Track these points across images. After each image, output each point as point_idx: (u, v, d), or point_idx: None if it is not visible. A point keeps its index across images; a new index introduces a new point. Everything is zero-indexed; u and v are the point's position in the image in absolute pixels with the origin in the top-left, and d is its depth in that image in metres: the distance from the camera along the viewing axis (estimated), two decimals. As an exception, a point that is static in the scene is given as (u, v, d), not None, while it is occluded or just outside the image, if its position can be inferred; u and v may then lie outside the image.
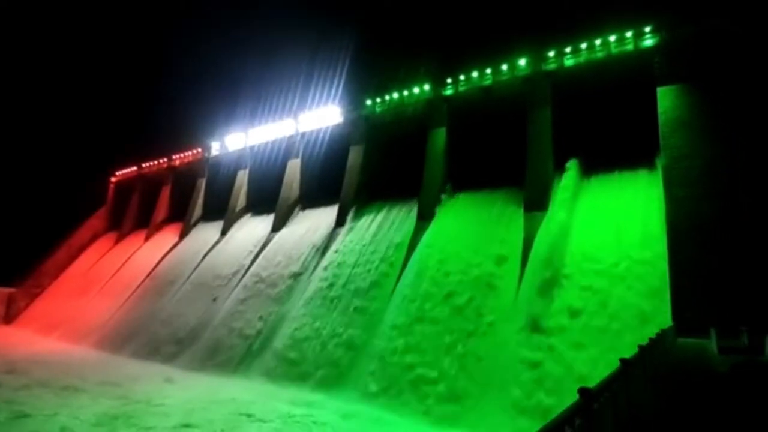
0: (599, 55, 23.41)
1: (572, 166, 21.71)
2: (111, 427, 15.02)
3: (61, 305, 41.97)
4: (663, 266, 16.94)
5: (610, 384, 4.37)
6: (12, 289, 45.77)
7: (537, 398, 15.54)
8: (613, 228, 18.95)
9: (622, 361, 4.91)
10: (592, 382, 14.05)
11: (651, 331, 15.10)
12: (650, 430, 4.44)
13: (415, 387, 18.35)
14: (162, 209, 46.54)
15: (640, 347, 6.46)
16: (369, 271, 24.68)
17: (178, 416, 16.11)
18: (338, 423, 16.33)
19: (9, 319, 44.43)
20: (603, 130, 23.67)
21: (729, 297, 14.97)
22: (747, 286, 15.03)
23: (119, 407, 17.13)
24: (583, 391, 3.53)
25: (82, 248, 50.50)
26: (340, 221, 29.47)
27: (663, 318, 15.51)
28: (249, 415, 16.56)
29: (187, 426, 14.78)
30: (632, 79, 22.16)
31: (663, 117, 19.86)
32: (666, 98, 20.09)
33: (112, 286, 40.60)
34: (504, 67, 26.36)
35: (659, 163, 19.79)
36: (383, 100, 31.38)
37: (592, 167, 22.19)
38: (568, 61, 24.21)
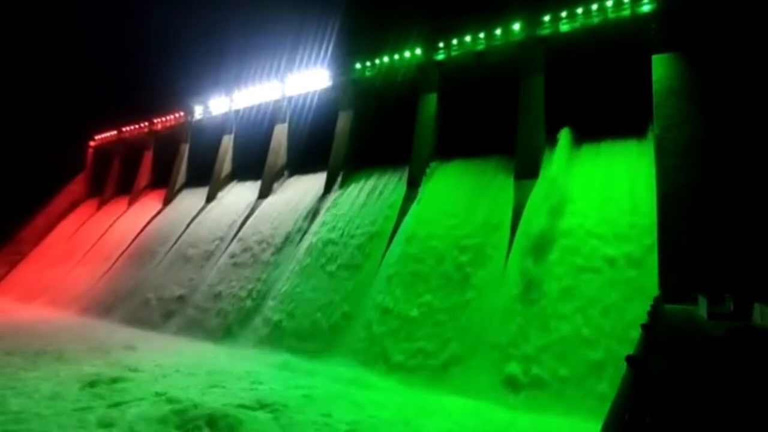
0: (595, 20, 22.96)
1: (564, 134, 21.57)
2: (95, 392, 14.92)
3: (44, 272, 41.28)
4: (650, 236, 17.12)
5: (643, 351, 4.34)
6: (-10, 256, 44.79)
7: (524, 363, 15.88)
8: (603, 197, 19.04)
9: (643, 326, 4.90)
10: (583, 346, 14.26)
11: (637, 298, 15.46)
12: (672, 391, 4.49)
13: (403, 352, 18.62)
14: (144, 175, 45.49)
15: (650, 313, 6.52)
16: (358, 238, 24.59)
17: (158, 384, 16.06)
18: (327, 387, 16.49)
19: (-11, 285, 43.64)
20: (595, 99, 23.44)
21: (716, 265, 15.26)
22: (733, 253, 15.32)
23: (104, 373, 17.02)
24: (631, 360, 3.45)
25: (62, 214, 49.37)
26: (328, 188, 29.14)
27: (646, 284, 15.80)
28: (228, 382, 16.51)
29: (161, 394, 14.69)
30: (627, 46, 21.86)
31: (657, 85, 19.68)
32: (660, 66, 19.88)
33: (95, 253, 39.97)
34: (498, 31, 25.74)
35: (650, 133, 19.77)
36: (373, 64, 30.57)
37: (584, 136, 22.08)
38: (564, 26, 23.72)
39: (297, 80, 34.88)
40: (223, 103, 40.27)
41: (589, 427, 12.17)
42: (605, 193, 19.14)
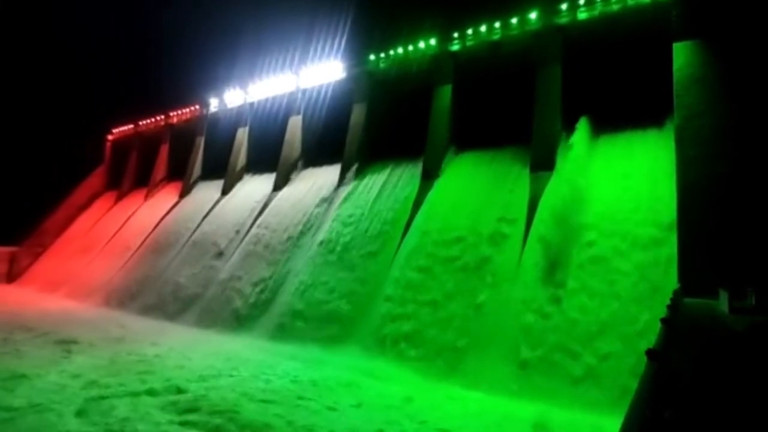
0: (614, 7, 22.44)
1: (582, 124, 21.20)
2: (115, 378, 15.19)
3: (64, 264, 42.19)
4: (670, 229, 16.78)
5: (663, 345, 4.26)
6: (14, 248, 45.87)
7: (537, 356, 15.79)
8: (621, 188, 18.72)
9: (663, 320, 4.81)
10: (599, 338, 14.10)
11: (656, 291, 15.20)
12: (693, 386, 4.41)
13: (416, 344, 18.66)
14: (161, 168, 46.02)
15: (670, 307, 6.40)
16: (372, 230, 24.62)
17: (173, 372, 16.32)
18: (339, 376, 16.61)
19: (12, 277, 44.75)
20: (614, 88, 23.02)
21: (738, 258, 14.92)
22: (755, 246, 14.96)
23: (122, 362, 17.35)
24: (652, 353, 3.39)
25: (82, 207, 50.31)
26: (342, 180, 29.16)
27: (666, 278, 15.53)
28: (245, 371, 16.67)
29: (168, 380, 14.95)
30: (647, 34, 21.35)
31: (678, 74, 19.19)
32: (682, 54, 19.36)
33: (114, 245, 40.68)
34: (514, 20, 25.33)
35: (670, 123, 19.33)
36: (387, 56, 30.36)
37: (602, 126, 21.70)
38: (582, 15, 23.24)
39: (311, 72, 34.84)
40: (238, 95, 40.46)
41: (605, 421, 12.10)
42: (623, 184, 18.81)
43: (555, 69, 23.16)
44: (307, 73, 35.07)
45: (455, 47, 27.32)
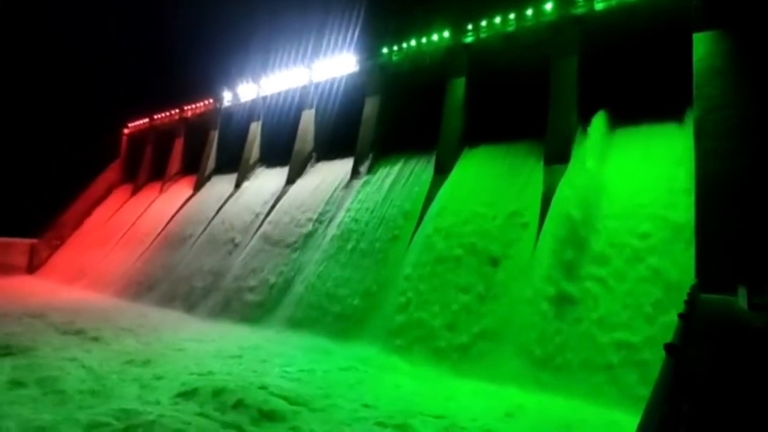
0: (633, -3, 22.02)
1: (598, 117, 20.90)
2: (136, 368, 15.48)
3: (82, 256, 42.97)
4: (688, 223, 16.50)
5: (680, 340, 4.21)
6: (34, 240, 46.81)
7: (550, 350, 15.71)
8: (639, 183, 18.44)
9: (680, 316, 4.75)
10: (613, 332, 13.95)
11: (673, 288, 14.99)
12: (710, 382, 4.35)
13: (428, 338, 18.66)
14: (175, 161, 46.51)
15: (687, 302, 6.31)
16: (385, 223, 24.63)
17: (189, 362, 16.57)
18: (352, 368, 16.72)
19: (32, 269, 45.71)
20: (631, 81, 22.66)
21: (757, 253, 14.63)
22: (776, 242, 14.65)
23: (139, 351, 17.65)
24: (670, 348, 3.35)
25: (99, 200, 51.12)
26: (355, 173, 29.18)
27: (684, 275, 15.32)
28: (264, 361, 16.83)
29: (192, 372, 15.18)
30: (666, 24, 20.92)
31: (698, 65, 18.78)
32: (702, 45, 18.94)
33: (130, 238, 41.30)
34: (529, 12, 25.00)
35: (689, 116, 18.95)
36: (400, 48, 30.21)
37: (619, 119, 21.38)
38: (599, 5, 22.84)
39: (324, 66, 34.84)
40: (251, 89, 40.64)
41: (619, 416, 12.01)
42: (640, 178, 18.53)
43: (571, 61, 22.82)
44: (320, 67, 35.07)
45: (469, 39, 27.07)
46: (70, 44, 59.66)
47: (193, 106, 46.71)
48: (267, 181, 35.69)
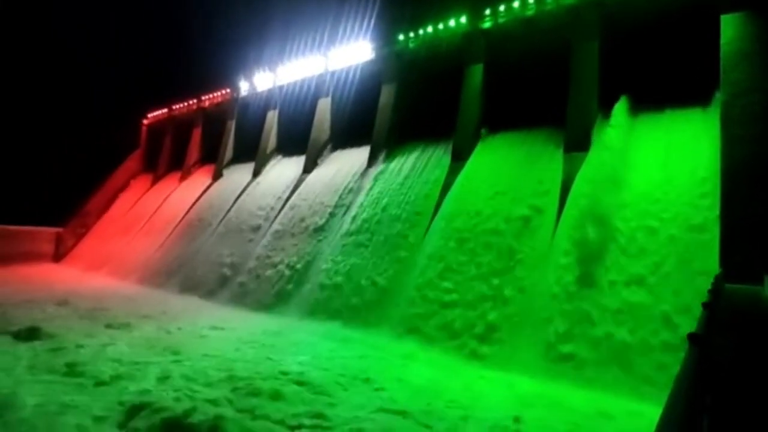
0: (657, -22, 21.35)
1: (620, 103, 20.42)
2: (157, 354, 15.86)
3: (106, 244, 44.00)
4: (714, 212, 16.13)
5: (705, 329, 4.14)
6: (60, 229, 48.04)
7: (568, 339, 15.62)
8: (662, 170, 18.05)
9: (704, 305, 4.66)
10: (630, 324, 13.80)
11: (698, 278, 14.71)
12: (734, 373, 4.28)
13: (446, 326, 18.70)
14: (194, 151, 47.06)
15: (711, 292, 6.19)
16: (402, 211, 24.62)
17: (208, 348, 16.90)
18: (368, 356, 16.90)
19: (59, 257, 46.97)
20: (655, 65, 22.06)
21: (785, 242, 14.24)
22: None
23: (161, 339, 18.08)
24: (693, 337, 3.30)
25: (120, 190, 52.16)
26: (372, 162, 29.16)
27: (709, 265, 15.02)
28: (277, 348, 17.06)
29: (210, 357, 15.48)
30: (691, 6, 20.25)
31: (725, 48, 18.18)
32: (730, 27, 18.32)
33: (151, 227, 42.10)
34: (549, -6, 24.44)
35: (716, 101, 18.41)
36: (417, 35, 29.88)
37: (642, 106, 20.88)
38: (621, -13, 22.21)
39: (339, 54, 34.69)
40: (268, 79, 40.74)
41: (635, 406, 11.91)
42: (663, 164, 18.13)
43: (592, 46, 22.30)
44: (336, 55, 34.92)
45: (487, 25, 26.62)
46: (94, 37, 60.65)
47: (211, 96, 47.06)
48: (284, 169, 35.91)
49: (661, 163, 18.24)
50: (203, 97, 47.82)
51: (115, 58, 61.01)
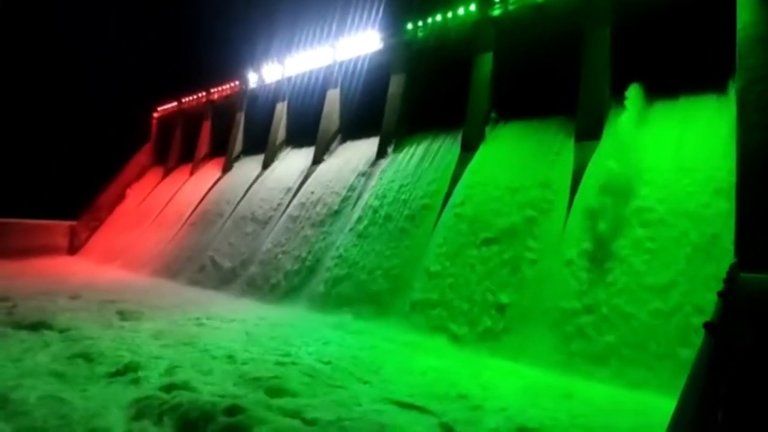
0: (671, -38, 20.84)
1: (633, 91, 20.04)
2: (168, 344, 16.05)
3: (118, 237, 44.54)
4: (729, 201, 15.83)
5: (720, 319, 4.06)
6: (74, 223, 48.70)
7: (580, 330, 15.52)
8: (676, 157, 17.74)
9: (720, 293, 4.57)
10: (642, 315, 13.63)
11: (712, 268, 14.50)
12: (750, 363, 4.21)
13: (457, 317, 18.69)
14: (204, 144, 47.27)
15: (726, 281, 6.07)
16: (412, 202, 24.55)
17: (221, 339, 17.04)
18: (378, 346, 17.01)
19: (73, 250, 47.68)
20: (669, 52, 21.57)
21: (802, 231, 13.95)
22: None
23: (172, 331, 18.31)
24: (709, 326, 3.23)
25: (132, 183, 52.63)
26: (381, 153, 29.06)
27: (724, 254, 14.78)
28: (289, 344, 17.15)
29: (223, 348, 15.60)
30: (707, -10, 19.77)
31: (742, 33, 17.71)
32: (746, 12, 17.82)
33: (162, 219, 42.50)
34: (560, -19, 23.98)
35: (732, 87, 18.00)
36: (425, 24, 29.56)
37: (655, 93, 20.47)
38: (634, -29, 21.73)
39: (348, 44, 34.47)
40: (276, 70, 40.66)
41: (647, 398, 11.81)
42: (677, 152, 17.83)
43: (604, 32, 21.90)
44: (344, 45, 34.70)
45: (497, 12, 26.24)
46: (105, 31, 61.16)
47: (220, 88, 47.13)
48: (293, 161, 35.96)
49: (675, 150, 17.94)
50: (212, 90, 47.91)
51: (126, 52, 61.37)
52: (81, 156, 55.30)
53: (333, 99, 34.80)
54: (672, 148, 18.11)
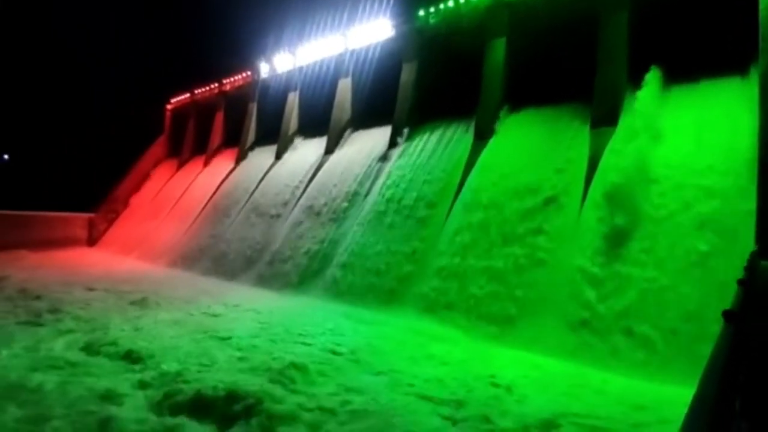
0: (691, -60, 20.17)
1: (651, 75, 19.53)
2: (183, 332, 16.29)
3: (135, 228, 45.21)
4: (747, 186, 15.39)
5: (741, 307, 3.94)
6: (91, 215, 49.56)
7: (594, 320, 15.33)
8: (696, 143, 17.31)
9: (739, 281, 4.44)
10: (659, 305, 13.33)
11: (730, 254, 14.16)
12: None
13: (471, 306, 18.61)
14: (217, 135, 47.51)
15: (746, 269, 5.90)
16: (424, 191, 24.41)
17: (236, 329, 17.20)
18: (391, 335, 17.03)
19: (92, 241, 48.58)
20: (689, 35, 20.96)
21: (827, 217, 13.53)
22: None
23: (187, 319, 18.57)
24: (728, 314, 3.13)
25: (147, 175, 53.27)
26: (393, 142, 28.90)
27: (743, 242, 14.39)
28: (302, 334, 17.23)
29: (241, 338, 15.76)
30: (729, -32, 19.09)
31: (764, 13, 17.06)
32: (771, -10, 17.18)
33: (177, 211, 42.98)
34: (575, -37, 23.39)
35: (754, 70, 17.43)
36: (437, 11, 29.12)
37: (674, 77, 19.94)
38: (652, -49, 21.09)
39: (359, 32, 34.18)
40: (287, 60, 40.54)
41: (658, 388, 11.63)
42: (697, 138, 17.38)
43: (621, 16, 21.34)
44: (355, 34, 34.42)
45: (510, -3, 25.71)
46: (119, 26, 61.70)
47: (232, 79, 47.17)
48: (306, 151, 35.98)
49: (695, 136, 17.49)
50: (224, 81, 47.99)
51: (140, 45, 61.84)
52: (98, 150, 56.20)
53: (345, 88, 34.62)
54: (692, 133, 17.66)
